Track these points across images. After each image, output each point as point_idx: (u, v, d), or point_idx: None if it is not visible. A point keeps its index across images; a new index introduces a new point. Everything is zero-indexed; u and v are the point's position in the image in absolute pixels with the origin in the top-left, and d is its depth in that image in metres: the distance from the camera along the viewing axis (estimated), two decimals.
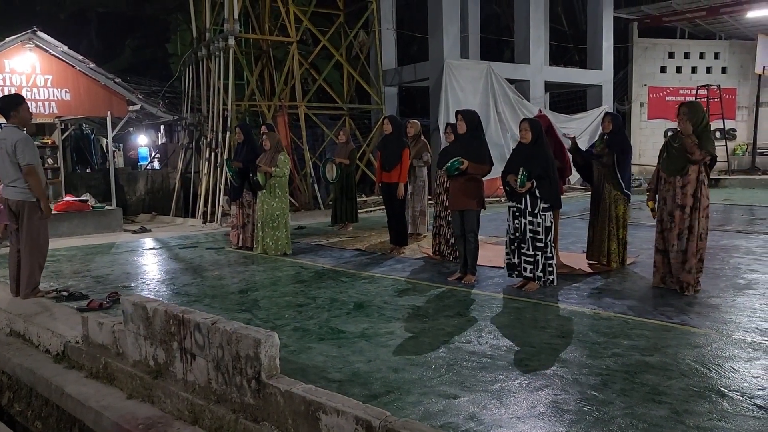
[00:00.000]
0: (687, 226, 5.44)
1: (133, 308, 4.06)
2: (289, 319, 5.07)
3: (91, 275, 7.11)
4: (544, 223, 5.63)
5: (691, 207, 5.41)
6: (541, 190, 5.58)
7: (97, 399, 4.01)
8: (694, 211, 5.41)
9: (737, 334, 4.41)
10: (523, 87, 16.30)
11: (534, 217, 5.62)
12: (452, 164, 5.95)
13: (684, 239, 5.46)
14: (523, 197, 5.64)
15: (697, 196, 5.40)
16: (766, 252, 7.53)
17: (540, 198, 5.59)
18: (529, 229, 5.66)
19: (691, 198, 5.40)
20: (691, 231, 5.43)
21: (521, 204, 5.67)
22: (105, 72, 11.43)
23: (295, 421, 3.06)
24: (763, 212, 11.79)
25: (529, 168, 5.52)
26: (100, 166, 17.13)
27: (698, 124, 5.42)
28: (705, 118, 5.55)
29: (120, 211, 11.35)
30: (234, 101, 12.19)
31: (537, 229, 5.64)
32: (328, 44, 14.57)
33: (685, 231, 5.45)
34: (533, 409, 3.25)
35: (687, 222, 5.43)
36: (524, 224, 5.67)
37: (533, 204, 5.61)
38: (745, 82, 20.62)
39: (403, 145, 7.74)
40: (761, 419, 3.08)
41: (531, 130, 5.67)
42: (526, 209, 5.65)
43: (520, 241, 5.74)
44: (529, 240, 5.67)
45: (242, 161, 8.17)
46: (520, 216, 5.70)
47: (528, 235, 5.67)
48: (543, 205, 5.61)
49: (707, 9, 18.65)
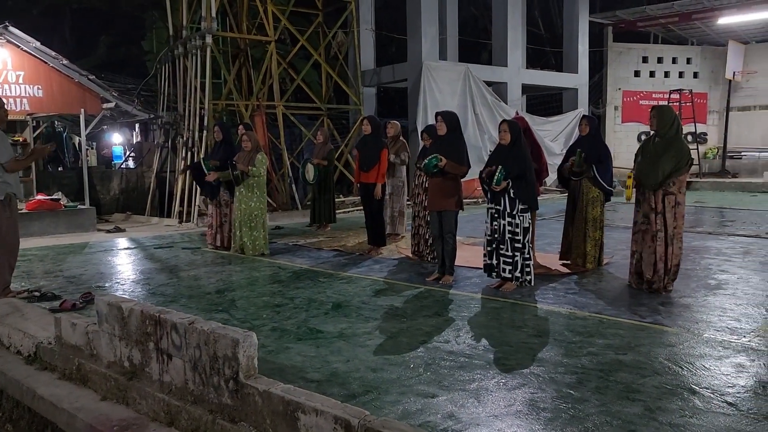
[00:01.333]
0: (660, 229, 5.55)
1: (107, 308, 4.00)
2: (266, 320, 5.05)
3: (64, 275, 6.99)
4: (522, 224, 5.68)
5: (665, 211, 5.51)
6: (516, 191, 5.63)
7: (70, 401, 3.95)
8: (666, 215, 5.51)
9: (708, 333, 4.50)
10: (500, 89, 16.43)
11: (512, 218, 5.68)
12: (430, 161, 5.97)
13: (657, 242, 5.57)
14: (502, 198, 5.69)
15: (671, 201, 5.51)
16: (735, 253, 7.70)
17: (516, 199, 5.64)
18: (507, 230, 5.71)
19: (662, 203, 5.51)
20: (665, 234, 5.54)
21: (500, 205, 5.73)
22: (79, 69, 11.25)
23: (273, 421, 3.05)
24: (733, 214, 12.05)
25: (507, 168, 5.57)
26: (72, 165, 16.85)
27: (667, 126, 5.55)
28: (676, 121, 5.66)
29: (93, 211, 11.18)
30: (211, 100, 12.08)
31: (515, 230, 5.69)
32: (306, 44, 14.52)
33: (659, 234, 5.55)
34: (510, 407, 3.28)
35: (660, 225, 5.54)
36: (503, 225, 5.72)
37: (512, 205, 5.67)
38: (716, 87, 21.06)
39: (382, 146, 7.77)
40: (731, 416, 3.15)
41: (510, 132, 5.72)
42: (504, 210, 5.70)
43: (499, 242, 5.78)
44: (508, 241, 5.72)
45: (219, 160, 8.09)
46: (498, 217, 5.75)
47: (507, 236, 5.72)
48: (521, 206, 5.67)
49: (680, 15, 19.02)
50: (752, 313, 5.03)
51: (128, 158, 18.13)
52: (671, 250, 5.58)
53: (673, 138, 5.55)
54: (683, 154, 5.48)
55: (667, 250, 5.57)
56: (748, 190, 17.41)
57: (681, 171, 5.49)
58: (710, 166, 20.54)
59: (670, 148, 5.48)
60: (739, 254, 7.62)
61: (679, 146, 5.51)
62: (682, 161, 5.45)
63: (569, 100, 18.61)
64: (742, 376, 3.69)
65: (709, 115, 21.23)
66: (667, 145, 5.51)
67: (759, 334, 4.46)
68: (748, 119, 20.58)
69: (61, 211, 10.64)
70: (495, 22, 17.16)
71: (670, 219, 5.52)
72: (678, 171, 5.47)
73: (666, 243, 5.56)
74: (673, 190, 5.50)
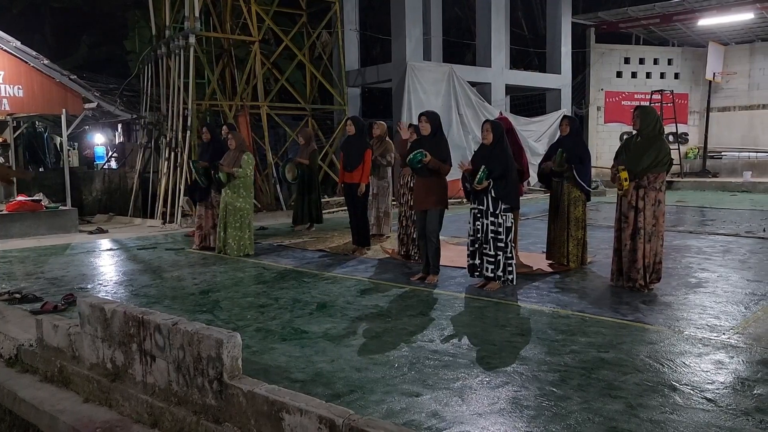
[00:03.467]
0: (639, 228, 5.62)
1: (90, 310, 3.97)
2: (251, 320, 5.03)
3: (45, 277, 6.92)
4: (504, 223, 5.72)
5: (644, 208, 5.59)
6: (497, 190, 5.66)
7: (52, 403, 3.91)
8: (646, 213, 5.59)
9: (688, 331, 4.57)
10: (484, 90, 16.51)
11: (495, 218, 5.72)
12: (415, 156, 6.02)
13: (636, 240, 5.64)
14: (485, 198, 5.73)
15: (650, 199, 5.58)
16: (716, 252, 7.81)
17: (498, 198, 5.68)
18: (490, 229, 5.75)
19: (642, 201, 5.59)
20: (644, 232, 5.61)
21: (482, 205, 5.76)
22: (60, 68, 11.13)
23: (257, 422, 3.05)
24: (714, 214, 12.22)
25: (489, 168, 5.60)
26: (54, 166, 16.65)
27: (649, 126, 5.63)
28: (658, 122, 5.74)
29: (75, 212, 11.06)
30: (194, 100, 12.00)
31: (498, 230, 5.73)
32: (290, 44, 14.47)
33: (639, 232, 5.62)
34: (494, 405, 3.31)
35: (640, 223, 5.61)
36: (486, 225, 5.76)
37: (494, 205, 5.71)
38: (696, 88, 21.33)
39: (366, 146, 7.81)
40: (710, 412, 3.20)
41: (492, 132, 5.77)
42: (487, 210, 5.74)
43: (482, 242, 5.82)
44: (491, 240, 5.76)
45: (209, 161, 8.08)
46: (481, 217, 5.79)
47: (489, 236, 5.76)
48: (503, 206, 5.70)
49: (661, 16, 19.24)
50: (731, 310, 5.11)
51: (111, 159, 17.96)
52: (649, 248, 5.65)
53: (655, 137, 5.64)
54: (663, 152, 5.58)
55: (646, 247, 5.64)
56: (728, 190, 17.65)
57: (660, 167, 5.57)
58: (691, 166, 20.79)
59: (651, 146, 5.57)
60: (719, 253, 7.73)
61: (659, 145, 5.60)
62: (660, 156, 5.54)
63: (552, 100, 18.75)
64: (722, 372, 3.74)
65: (689, 116, 21.49)
66: (649, 144, 5.59)
67: (738, 332, 4.53)
68: (728, 120, 20.87)
69: (42, 212, 10.51)
70: (479, 23, 17.24)
71: (649, 216, 5.59)
72: (657, 166, 5.54)
73: (645, 241, 5.63)
74: (654, 187, 5.57)
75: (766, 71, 20.28)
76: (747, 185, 17.72)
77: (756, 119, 20.42)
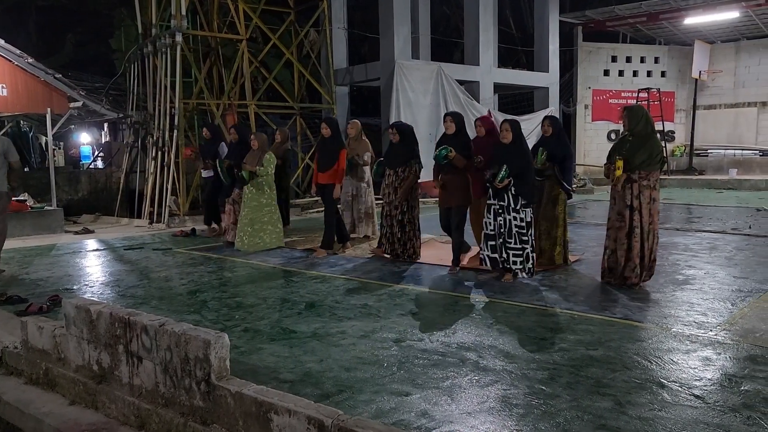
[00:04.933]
0: (635, 226, 5.64)
1: (75, 311, 3.93)
2: (239, 320, 5.00)
3: (30, 278, 6.84)
4: (525, 218, 5.99)
5: (640, 208, 5.61)
6: (518, 187, 5.91)
7: (37, 406, 3.87)
8: (642, 211, 5.61)
9: (676, 328, 4.59)
10: (472, 88, 16.53)
11: (517, 213, 5.99)
12: (440, 152, 6.34)
13: (632, 238, 5.67)
14: (505, 195, 5.94)
15: (645, 198, 5.60)
16: (702, 249, 7.86)
17: (518, 195, 5.92)
18: (514, 225, 6.00)
19: (637, 199, 5.61)
20: (641, 231, 5.64)
21: (503, 201, 5.98)
22: (45, 67, 11.00)
23: (246, 423, 3.02)
24: (700, 211, 12.31)
25: (510, 166, 5.82)
26: (39, 165, 16.49)
27: (639, 124, 5.66)
28: (648, 119, 5.75)
29: (61, 212, 10.94)
30: (182, 99, 11.91)
31: (521, 225, 6.00)
32: (278, 42, 14.41)
33: (635, 230, 5.65)
34: (483, 404, 3.31)
35: (636, 222, 5.64)
36: (508, 221, 6.01)
37: (515, 201, 5.95)
38: (683, 86, 21.50)
39: (341, 146, 7.82)
40: (698, 408, 3.22)
41: (512, 131, 6.03)
42: (509, 206, 5.98)
43: (506, 237, 6.03)
44: (515, 235, 6.01)
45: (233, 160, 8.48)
46: (503, 213, 6.01)
47: (514, 231, 6.01)
48: (522, 201, 5.95)
49: (648, 15, 19.36)
50: (718, 307, 5.14)
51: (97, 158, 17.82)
52: (647, 246, 5.70)
53: (648, 135, 5.67)
54: (656, 149, 5.63)
55: (643, 246, 5.68)
56: (714, 187, 17.81)
57: (654, 165, 5.60)
58: (678, 164, 20.95)
59: (645, 144, 5.60)
60: (706, 250, 7.78)
61: (652, 143, 5.64)
62: (654, 154, 5.57)
63: (540, 98, 18.81)
64: (709, 369, 3.77)
65: (676, 114, 21.66)
66: (643, 142, 5.61)
67: (725, 328, 4.56)
68: (714, 118, 21.04)
69: (27, 212, 10.40)
70: (467, 22, 17.25)
71: (645, 215, 5.62)
72: (651, 164, 5.58)
73: (642, 239, 5.67)
74: (648, 185, 5.59)
75: (751, 69, 20.47)
76: (732, 182, 17.89)
77: (741, 117, 20.62)
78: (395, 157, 7.12)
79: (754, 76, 20.40)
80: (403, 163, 7.02)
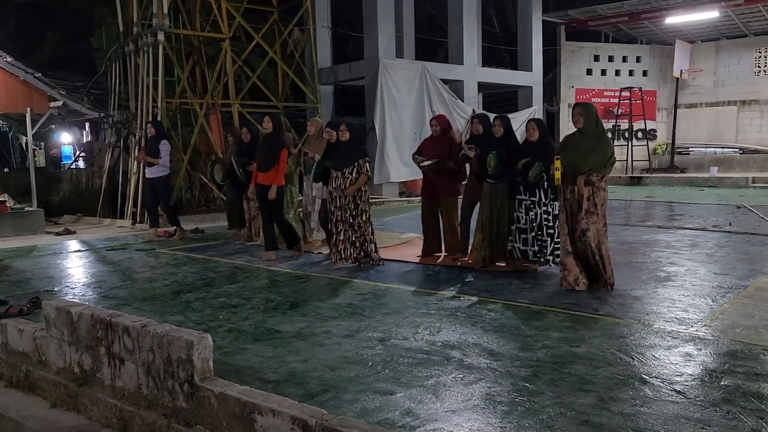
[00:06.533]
0: (588, 228, 5.51)
1: (56, 313, 3.88)
2: (223, 321, 4.97)
3: (10, 280, 6.75)
4: (553, 211, 6.27)
5: (587, 210, 5.50)
6: (550, 183, 6.11)
7: (17, 409, 3.82)
8: (590, 214, 5.49)
9: (658, 324, 4.64)
10: (456, 87, 16.58)
11: (547, 206, 6.25)
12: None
13: (583, 241, 5.54)
14: (537, 190, 6.19)
15: (600, 200, 5.51)
16: (684, 246, 7.95)
17: (549, 189, 6.19)
18: (544, 218, 6.26)
19: (586, 202, 5.48)
20: (589, 233, 5.51)
21: (535, 197, 6.24)
22: (24, 66, 10.89)
23: (229, 424, 3.01)
24: (682, 208, 12.46)
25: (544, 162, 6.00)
26: (19, 166, 16.28)
27: (593, 124, 5.54)
28: (598, 119, 5.65)
29: (41, 213, 10.81)
30: (164, 98, 11.83)
31: (549, 218, 6.26)
32: (261, 41, 14.35)
33: (586, 234, 5.50)
34: (467, 402, 3.32)
35: (585, 224, 5.51)
36: (539, 214, 6.28)
37: (545, 196, 6.21)
38: (664, 85, 21.73)
39: (282, 145, 7.37)
40: (680, 403, 3.25)
41: (538, 129, 6.28)
42: (540, 201, 6.26)
43: (536, 230, 6.28)
44: (544, 227, 6.27)
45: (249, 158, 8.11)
46: (534, 207, 6.28)
47: (543, 224, 6.25)
48: (551, 196, 6.22)
49: (629, 14, 19.56)
50: (699, 303, 5.20)
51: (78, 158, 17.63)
52: (604, 250, 5.58)
53: (600, 135, 5.56)
54: (610, 151, 5.52)
55: (601, 249, 5.57)
56: (695, 185, 18.03)
57: (609, 167, 5.50)
58: (660, 162, 21.18)
59: (599, 145, 5.48)
60: (687, 247, 7.87)
61: (605, 145, 5.53)
62: (608, 155, 5.47)
63: (524, 97, 18.91)
64: (690, 364, 3.81)
65: (658, 112, 21.89)
66: (597, 143, 5.49)
67: (706, 324, 4.61)
68: (695, 116, 21.30)
69: (7, 213, 10.26)
70: (451, 21, 17.30)
71: (600, 218, 5.50)
72: (605, 166, 5.46)
73: (599, 242, 5.54)
74: (601, 186, 5.48)
75: (731, 68, 20.76)
76: (713, 180, 18.12)
77: (721, 116, 20.89)
78: (342, 158, 6.67)
79: (734, 75, 20.68)
80: (350, 164, 6.61)
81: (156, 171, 9.32)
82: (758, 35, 20.21)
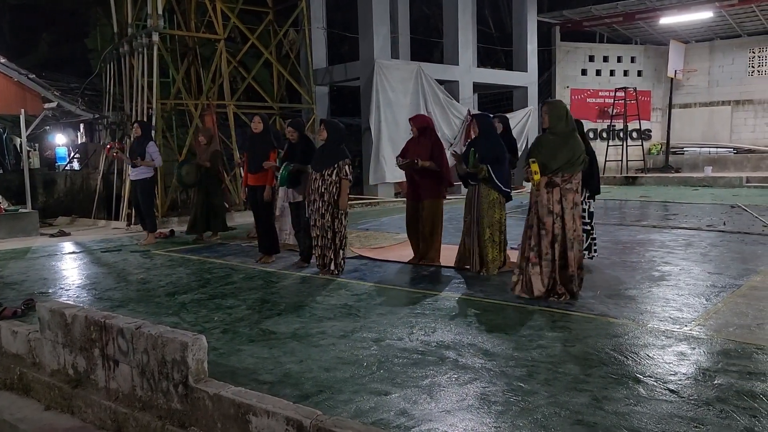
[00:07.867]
0: (557, 234, 5.26)
1: (50, 315, 3.87)
2: (218, 322, 4.97)
3: (4, 282, 6.72)
4: (588, 209, 6.44)
5: (562, 213, 5.23)
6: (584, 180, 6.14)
7: (11, 411, 3.81)
8: (565, 217, 5.23)
9: (652, 323, 4.66)
10: (452, 87, 16.59)
11: (583, 204, 6.20)
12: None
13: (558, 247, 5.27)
14: None
15: (569, 202, 5.24)
16: (678, 245, 7.98)
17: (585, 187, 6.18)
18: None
19: (559, 204, 5.22)
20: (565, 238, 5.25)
21: None
22: (18, 67, 10.84)
23: (224, 425, 3.01)
24: (676, 208, 12.49)
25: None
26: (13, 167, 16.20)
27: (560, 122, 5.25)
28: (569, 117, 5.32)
29: (36, 214, 10.77)
30: (159, 99, 11.80)
31: (585, 215, 6.33)
32: (257, 42, 14.33)
33: (557, 238, 5.26)
34: (462, 402, 3.32)
35: (558, 230, 5.25)
36: None
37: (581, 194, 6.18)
38: (659, 85, 21.80)
39: (272, 146, 7.20)
40: (673, 402, 3.27)
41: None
42: None
43: None
44: None
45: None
46: None
47: None
48: (586, 193, 6.35)
49: (624, 15, 19.62)
50: (693, 303, 5.22)
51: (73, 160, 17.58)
52: (572, 255, 5.26)
53: (569, 134, 5.25)
54: (578, 150, 5.22)
55: (568, 254, 5.25)
56: (690, 185, 18.09)
57: (576, 167, 5.20)
58: (654, 162, 21.25)
59: (566, 145, 5.20)
60: (682, 246, 7.90)
61: (573, 143, 5.23)
62: (576, 155, 5.18)
63: (519, 98, 18.94)
64: (684, 363, 3.82)
65: (652, 113, 21.96)
66: (564, 142, 5.21)
67: (699, 323, 4.63)
68: (690, 116, 21.37)
69: (1, 215, 10.23)
70: (446, 21, 17.32)
71: (569, 221, 5.22)
72: (572, 166, 5.18)
73: (568, 248, 5.25)
74: (570, 188, 5.21)
75: (725, 69, 20.84)
76: (708, 180, 18.18)
77: (716, 116, 20.97)
78: (322, 159, 6.40)
79: (728, 75, 20.77)
80: (330, 165, 6.30)
81: (140, 173, 8.99)
82: (752, 35, 20.31)
